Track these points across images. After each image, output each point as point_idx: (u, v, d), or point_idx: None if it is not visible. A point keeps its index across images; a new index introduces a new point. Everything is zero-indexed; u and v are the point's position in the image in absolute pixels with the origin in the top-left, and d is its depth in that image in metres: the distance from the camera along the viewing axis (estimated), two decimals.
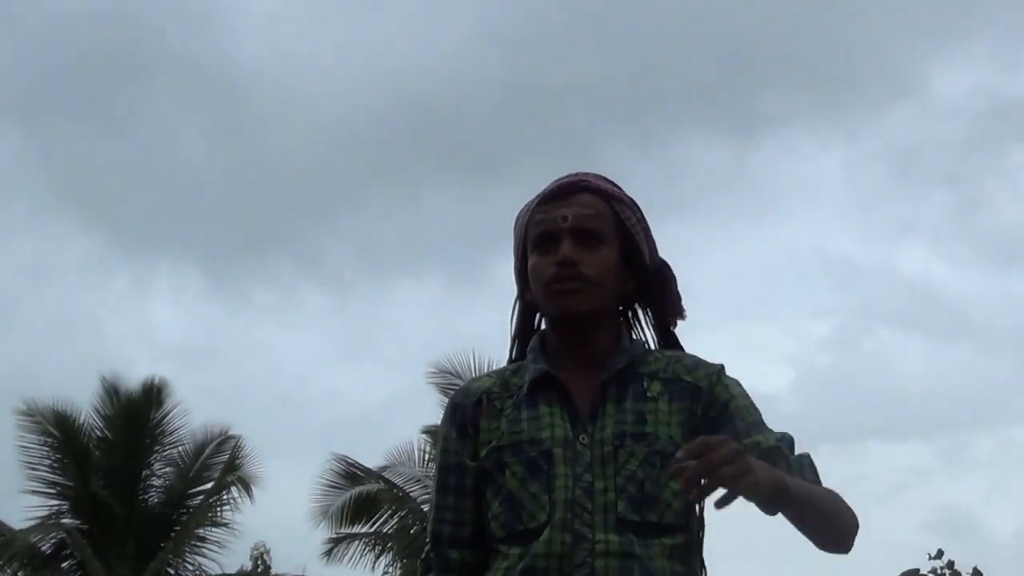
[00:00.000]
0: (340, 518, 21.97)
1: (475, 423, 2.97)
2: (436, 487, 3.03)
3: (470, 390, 3.04)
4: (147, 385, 24.74)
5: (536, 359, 2.98)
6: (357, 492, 22.03)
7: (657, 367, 2.99)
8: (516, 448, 2.91)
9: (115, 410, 24.43)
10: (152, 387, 24.73)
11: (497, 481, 2.91)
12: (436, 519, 3.00)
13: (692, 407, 2.94)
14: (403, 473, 22.11)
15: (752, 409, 2.96)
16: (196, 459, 24.66)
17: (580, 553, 2.82)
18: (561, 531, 2.83)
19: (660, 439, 2.89)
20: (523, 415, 2.93)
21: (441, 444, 3.02)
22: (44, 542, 23.02)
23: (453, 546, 2.96)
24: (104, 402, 24.52)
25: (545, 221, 2.95)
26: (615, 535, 2.83)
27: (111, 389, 24.58)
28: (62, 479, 23.77)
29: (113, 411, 24.43)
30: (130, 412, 24.33)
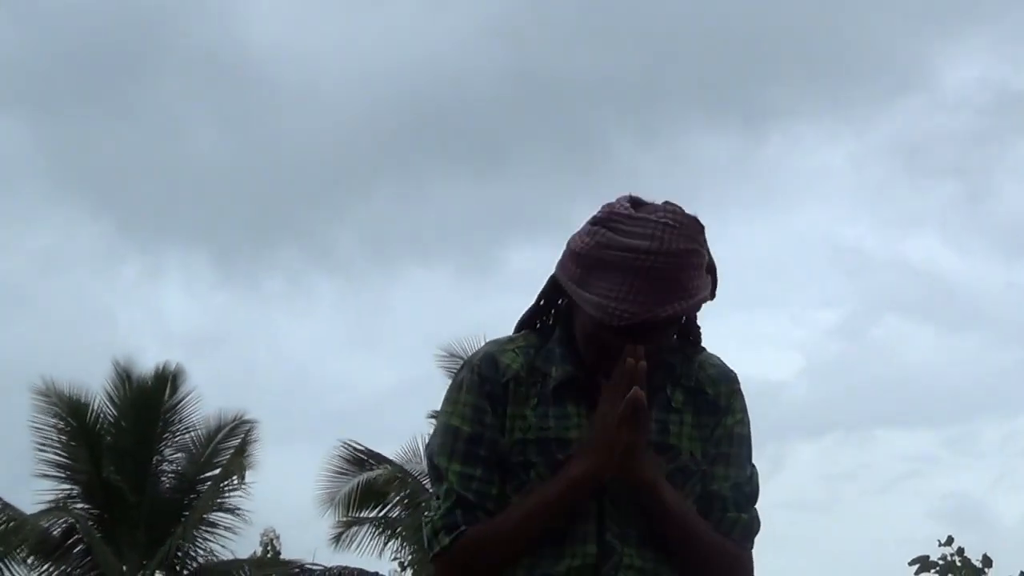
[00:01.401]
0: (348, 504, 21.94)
1: (503, 404, 2.92)
2: (460, 454, 2.93)
3: (499, 365, 2.95)
4: (160, 371, 24.70)
5: (565, 358, 2.93)
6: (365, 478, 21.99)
7: (681, 372, 2.97)
8: (543, 446, 2.88)
9: (127, 396, 24.40)
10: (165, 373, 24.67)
11: (520, 477, 2.90)
12: (461, 486, 2.90)
13: (710, 423, 2.96)
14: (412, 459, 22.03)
15: (746, 442, 3.01)
16: (208, 445, 24.63)
17: (607, 566, 2.84)
18: (587, 542, 2.85)
19: (682, 454, 2.91)
20: (550, 411, 2.90)
21: (470, 413, 2.93)
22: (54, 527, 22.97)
23: (478, 510, 2.89)
24: (116, 388, 24.49)
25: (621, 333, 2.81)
26: (638, 550, 2.86)
27: (123, 375, 24.56)
28: (73, 463, 23.74)
29: (125, 397, 24.38)
30: (142, 398, 24.30)
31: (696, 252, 2.83)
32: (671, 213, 2.82)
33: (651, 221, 2.80)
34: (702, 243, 2.85)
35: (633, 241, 2.78)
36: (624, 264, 2.78)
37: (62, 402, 23.86)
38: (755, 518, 3.00)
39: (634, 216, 2.82)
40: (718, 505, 2.95)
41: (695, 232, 2.83)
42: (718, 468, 2.97)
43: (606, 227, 2.84)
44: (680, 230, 2.80)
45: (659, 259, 2.77)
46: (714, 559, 2.93)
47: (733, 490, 2.97)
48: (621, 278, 2.78)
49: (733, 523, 2.96)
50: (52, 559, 22.95)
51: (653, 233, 2.78)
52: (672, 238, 2.78)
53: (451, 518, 2.89)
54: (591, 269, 2.84)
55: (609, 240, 2.81)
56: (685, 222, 2.82)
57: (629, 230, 2.80)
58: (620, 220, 2.83)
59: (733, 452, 2.99)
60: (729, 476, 2.97)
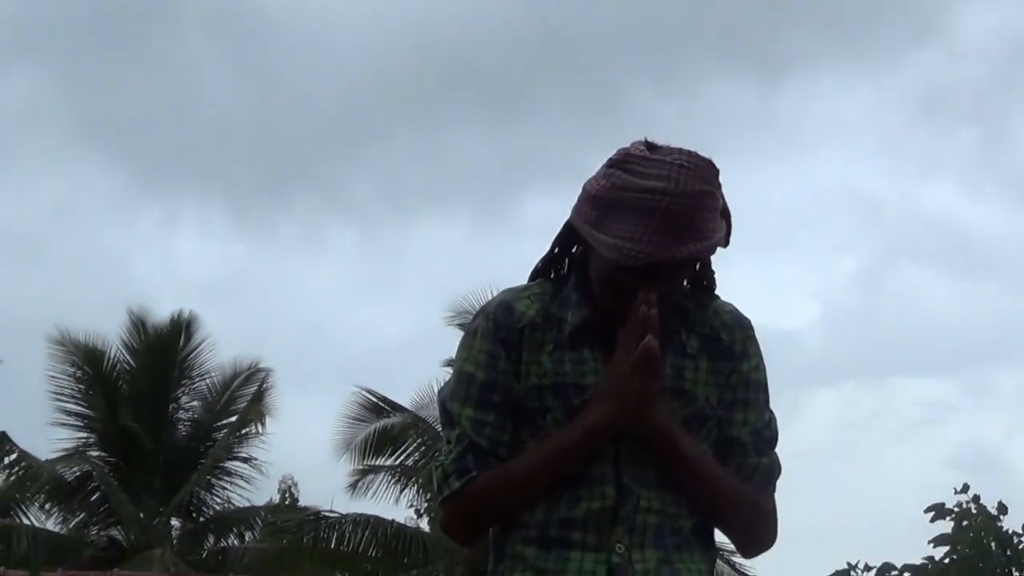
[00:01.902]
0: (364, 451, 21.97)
1: (518, 349, 2.92)
2: (473, 399, 2.93)
3: (514, 312, 2.96)
4: (175, 319, 24.75)
5: (581, 303, 2.93)
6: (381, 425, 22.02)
7: (695, 318, 2.98)
8: (559, 391, 2.89)
9: (143, 344, 24.45)
10: (180, 321, 24.71)
11: (536, 422, 2.90)
12: (474, 432, 2.91)
13: (726, 369, 2.97)
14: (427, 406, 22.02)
15: (762, 387, 3.04)
16: (224, 392, 24.71)
17: (626, 508, 2.84)
18: (604, 484, 2.86)
19: (697, 399, 2.93)
20: (566, 356, 2.91)
21: (484, 359, 2.94)
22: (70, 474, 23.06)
23: (490, 456, 2.90)
24: (132, 336, 24.56)
25: (636, 274, 2.81)
26: (655, 492, 2.87)
27: (139, 323, 24.62)
28: (89, 411, 23.82)
29: (141, 345, 24.44)
30: (158, 346, 24.37)
31: (711, 194, 2.83)
32: (686, 155, 2.83)
33: (667, 163, 2.80)
34: (717, 186, 2.86)
35: (649, 182, 2.79)
36: (640, 205, 2.78)
37: (78, 351, 23.94)
38: (775, 462, 3.02)
39: (650, 158, 2.83)
40: (738, 450, 2.98)
41: (710, 174, 2.84)
42: (736, 414, 2.99)
43: (622, 169, 2.84)
44: (695, 171, 2.80)
45: (674, 200, 2.77)
46: (735, 504, 2.95)
47: (752, 435, 2.99)
48: (637, 219, 2.78)
49: (753, 468, 2.98)
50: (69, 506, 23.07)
51: (669, 174, 2.79)
52: (687, 179, 2.79)
53: (463, 463, 2.90)
54: (607, 211, 2.84)
55: (625, 182, 2.82)
56: (700, 164, 2.82)
57: (645, 171, 2.81)
58: (636, 162, 2.83)
59: (751, 398, 3.01)
60: (748, 421, 2.99)
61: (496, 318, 2.95)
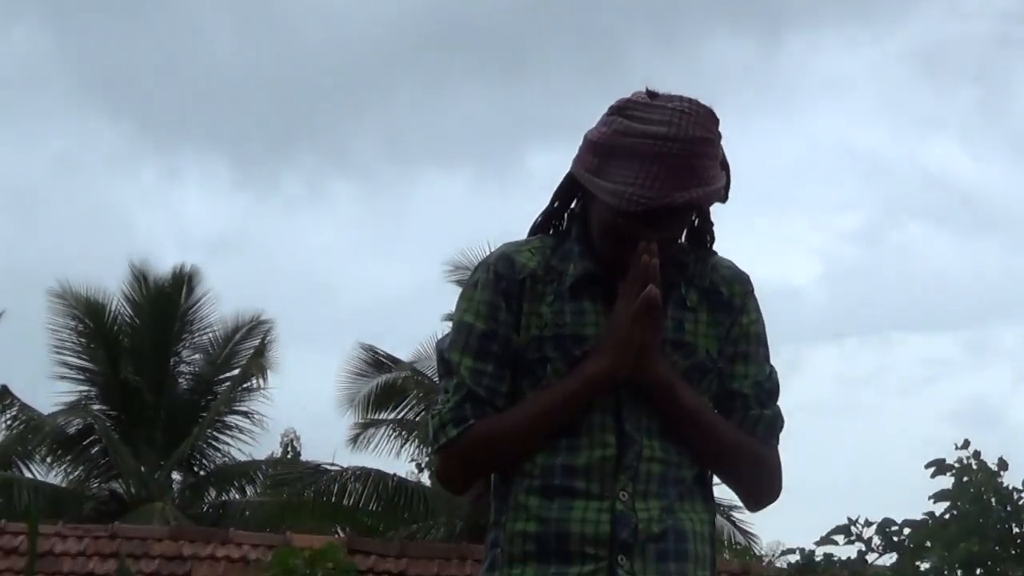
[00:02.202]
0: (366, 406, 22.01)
1: (518, 300, 2.93)
2: (472, 349, 2.94)
3: (515, 264, 2.97)
4: (176, 273, 24.71)
5: (582, 255, 2.95)
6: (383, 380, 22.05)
7: (694, 273, 2.99)
8: (559, 342, 2.91)
9: (144, 297, 24.42)
10: (182, 274, 24.69)
11: (536, 373, 2.92)
12: (472, 381, 2.92)
13: (725, 321, 2.99)
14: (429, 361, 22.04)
15: (762, 340, 3.05)
16: (225, 345, 24.70)
17: (628, 456, 2.86)
18: (606, 433, 2.87)
19: (698, 351, 2.95)
20: (567, 308, 2.92)
21: (484, 310, 2.95)
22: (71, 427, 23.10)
23: (488, 406, 2.91)
24: (134, 289, 24.50)
25: (638, 220, 2.83)
26: (658, 441, 2.89)
27: (140, 276, 24.56)
28: (91, 365, 23.84)
29: (143, 298, 24.42)
30: (160, 299, 24.34)
31: (711, 142, 2.86)
32: (688, 102, 2.85)
33: (668, 108, 2.83)
34: (717, 134, 2.88)
35: (650, 128, 2.81)
36: (641, 151, 2.81)
37: (79, 304, 23.91)
38: (778, 414, 3.03)
39: (651, 104, 2.85)
40: (740, 403, 3.00)
41: (711, 122, 2.86)
42: (737, 367, 3.01)
43: (623, 115, 2.87)
44: (696, 118, 2.83)
45: (675, 145, 2.79)
46: (737, 455, 2.97)
47: (754, 387, 3.01)
48: (638, 165, 2.80)
49: (756, 420, 2.99)
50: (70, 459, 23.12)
51: (670, 120, 2.81)
52: (688, 125, 2.81)
53: (460, 411, 2.91)
54: (608, 157, 2.86)
55: (626, 128, 2.84)
56: (701, 111, 2.85)
57: (646, 117, 2.83)
58: (637, 108, 2.86)
59: (751, 351, 3.03)
60: (749, 374, 3.01)
61: (497, 269, 2.96)
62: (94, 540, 15.92)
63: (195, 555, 15.63)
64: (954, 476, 11.47)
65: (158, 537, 16.15)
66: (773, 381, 3.04)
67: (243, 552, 15.56)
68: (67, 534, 16.03)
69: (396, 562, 15.57)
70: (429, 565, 15.63)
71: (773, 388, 3.04)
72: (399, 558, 15.67)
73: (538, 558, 2.86)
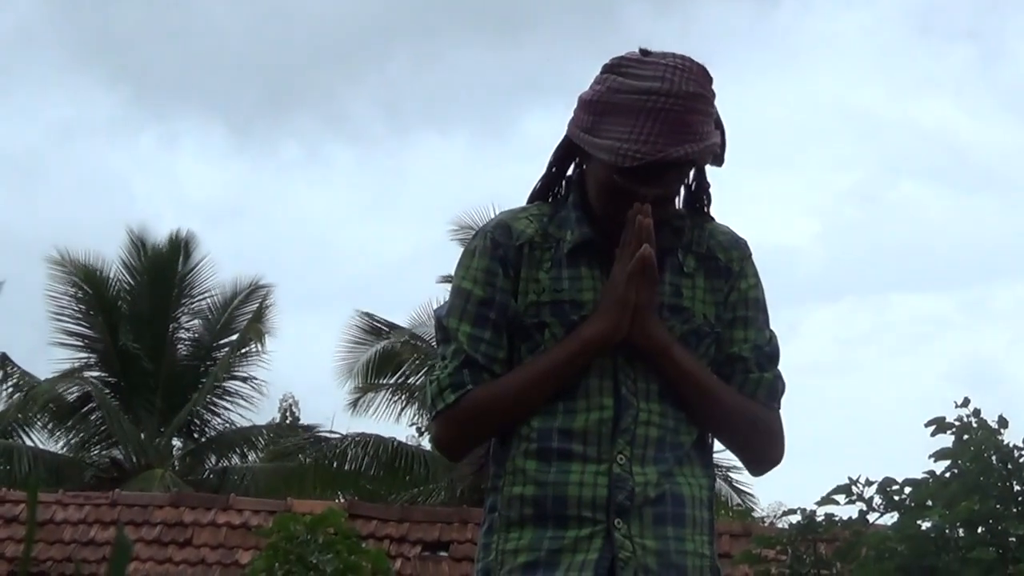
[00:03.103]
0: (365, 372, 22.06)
1: (516, 268, 2.95)
2: (470, 316, 2.96)
3: (512, 231, 2.99)
4: (173, 239, 24.70)
5: (581, 221, 2.96)
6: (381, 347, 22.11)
7: (691, 239, 3.01)
8: (556, 307, 2.93)
9: (142, 263, 24.43)
10: (178, 240, 24.67)
11: (534, 338, 2.94)
12: (470, 347, 2.94)
13: (722, 287, 3.00)
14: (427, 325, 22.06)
15: (760, 305, 3.07)
16: (224, 311, 24.72)
17: (625, 420, 2.87)
18: (603, 396, 2.89)
19: (695, 316, 2.97)
20: (564, 274, 2.94)
21: (482, 276, 2.97)
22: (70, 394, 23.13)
23: (485, 372, 2.93)
24: (131, 255, 24.53)
25: (633, 176, 2.85)
26: (656, 405, 2.91)
27: (138, 242, 24.59)
28: (89, 331, 23.86)
29: (141, 265, 24.42)
30: (157, 265, 24.36)
31: (704, 98, 2.88)
32: (680, 58, 2.87)
33: (660, 64, 2.85)
34: (710, 91, 2.90)
35: (643, 83, 2.83)
36: (635, 106, 2.83)
37: (78, 271, 23.92)
38: (779, 377, 3.04)
39: (644, 61, 2.88)
40: (740, 367, 3.01)
41: (703, 78, 2.88)
42: (737, 331, 3.02)
43: (616, 73, 2.89)
44: (689, 74, 2.85)
45: (668, 100, 2.82)
46: (737, 418, 2.99)
47: (754, 351, 3.02)
48: (633, 120, 2.82)
49: (757, 383, 3.01)
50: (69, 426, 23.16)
51: (664, 75, 2.83)
52: (681, 80, 2.83)
53: (458, 377, 2.93)
54: (602, 115, 2.88)
55: (620, 84, 2.86)
56: (694, 67, 2.87)
57: (639, 73, 2.85)
58: (630, 65, 2.88)
59: (750, 315, 3.04)
60: (748, 338, 3.02)
61: (494, 237, 2.98)
62: (95, 508, 15.94)
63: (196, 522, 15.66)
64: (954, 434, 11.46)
65: (159, 504, 16.17)
66: (773, 345, 3.05)
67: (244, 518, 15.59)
68: (67, 502, 16.05)
69: (397, 526, 15.59)
70: (430, 529, 15.66)
71: (773, 352, 3.04)
72: (400, 522, 15.70)
73: (535, 522, 2.88)
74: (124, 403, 22.95)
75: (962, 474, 11.33)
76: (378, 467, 21.11)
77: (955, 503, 11.12)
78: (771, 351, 3.04)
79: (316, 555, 10.91)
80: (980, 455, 11.38)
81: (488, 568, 2.93)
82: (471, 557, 14.43)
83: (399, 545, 15.20)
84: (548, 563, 2.84)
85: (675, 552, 2.85)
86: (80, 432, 23.17)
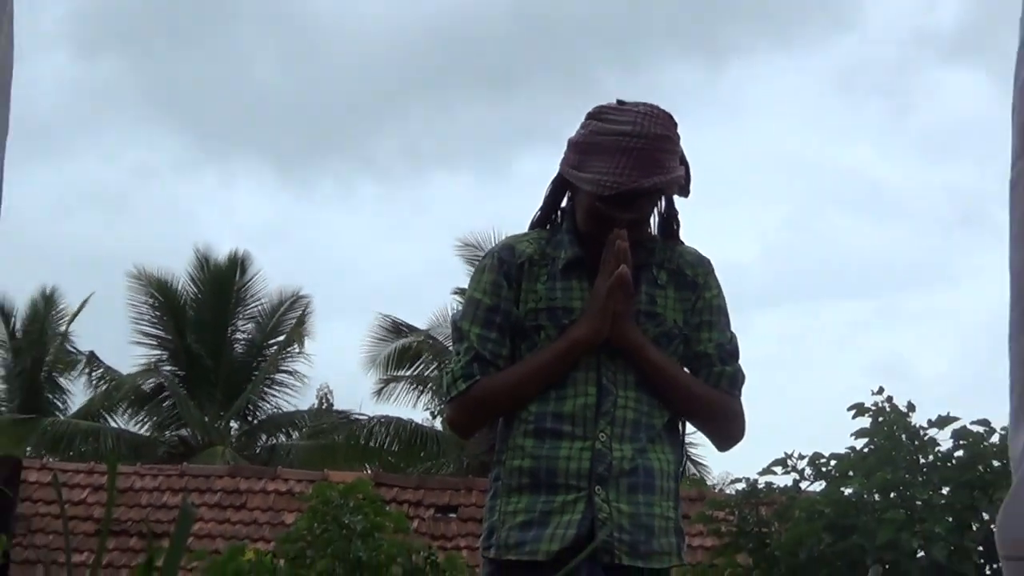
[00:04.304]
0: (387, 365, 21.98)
1: (518, 281, 2.95)
2: (480, 320, 2.96)
3: (516, 250, 2.99)
4: (231, 257, 24.60)
5: (572, 243, 2.96)
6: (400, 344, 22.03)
7: (663, 257, 3.00)
8: (551, 313, 2.92)
9: (206, 277, 24.30)
10: (235, 259, 24.58)
11: (532, 338, 2.94)
12: (479, 345, 2.94)
13: (689, 297, 2.99)
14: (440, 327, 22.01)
15: (722, 311, 3.04)
16: (272, 317, 24.58)
17: (606, 404, 2.87)
18: (588, 385, 2.89)
19: (667, 321, 2.95)
20: (558, 285, 2.94)
21: (490, 288, 2.97)
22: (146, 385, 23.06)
23: (491, 366, 2.94)
24: (197, 271, 24.38)
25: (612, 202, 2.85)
26: (632, 392, 2.90)
27: (202, 260, 24.45)
28: (162, 333, 23.77)
29: (204, 278, 24.29)
30: (218, 279, 24.22)
31: (669, 139, 2.87)
32: (649, 107, 2.88)
33: (633, 111, 2.87)
34: (675, 134, 2.89)
35: (619, 127, 2.84)
36: (612, 146, 2.83)
37: (152, 283, 23.83)
38: (739, 370, 3.03)
39: (620, 108, 2.89)
40: (705, 362, 3.00)
41: (669, 123, 2.88)
42: (703, 333, 3.01)
43: (597, 119, 2.90)
44: (656, 119, 2.85)
45: (640, 141, 2.82)
46: (702, 404, 2.97)
47: (717, 348, 3.01)
48: (611, 157, 2.83)
49: (720, 375, 2.99)
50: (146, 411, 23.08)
51: (635, 120, 2.84)
52: (650, 124, 2.84)
53: (469, 369, 2.93)
54: (586, 154, 2.88)
55: (600, 128, 2.87)
56: (660, 114, 2.88)
57: (616, 119, 2.87)
58: (609, 112, 2.90)
59: (714, 320, 3.03)
60: (712, 338, 3.01)
61: (500, 256, 2.99)
62: (166, 478, 15.90)
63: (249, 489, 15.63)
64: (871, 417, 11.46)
65: (219, 475, 16.13)
66: (733, 344, 3.03)
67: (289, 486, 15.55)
68: (144, 473, 16.01)
69: (414, 492, 15.55)
70: (441, 495, 15.62)
71: (734, 349, 3.03)
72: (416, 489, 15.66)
73: (531, 489, 2.87)
74: (191, 392, 22.85)
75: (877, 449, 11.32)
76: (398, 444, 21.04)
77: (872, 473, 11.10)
78: (732, 348, 3.03)
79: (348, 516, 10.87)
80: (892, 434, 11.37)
81: (493, 526, 2.92)
82: (475, 518, 14.41)
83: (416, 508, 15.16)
84: (540, 522, 2.84)
85: (645, 515, 2.84)
86: (154, 416, 23.08)
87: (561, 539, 2.80)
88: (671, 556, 2.88)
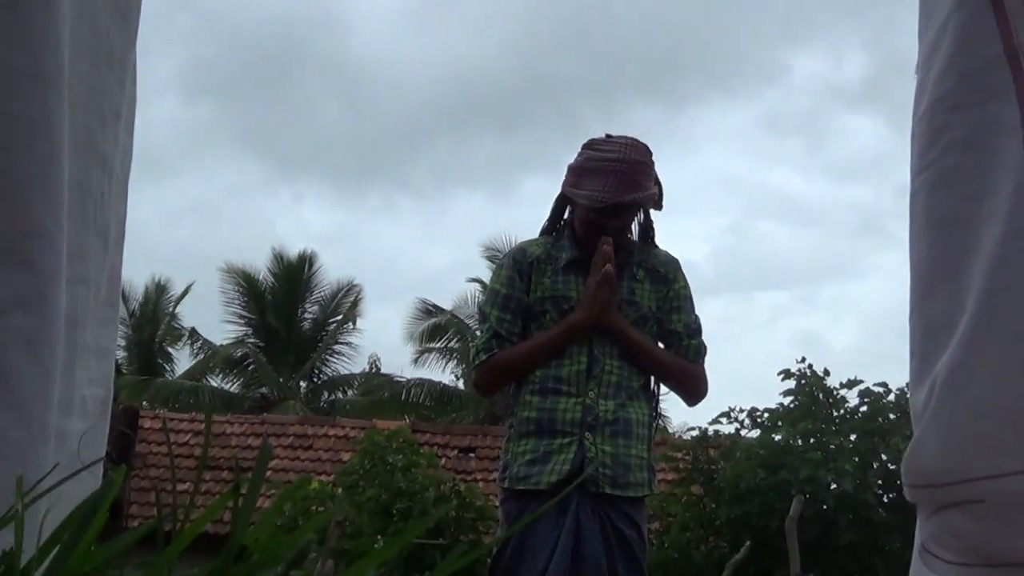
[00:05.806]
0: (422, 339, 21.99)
1: (529, 275, 2.95)
2: (497, 304, 2.95)
3: (527, 252, 2.99)
4: (301, 255, 24.63)
5: (571, 246, 2.95)
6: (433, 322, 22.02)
7: (641, 258, 2.99)
8: (554, 301, 2.92)
9: (281, 271, 24.30)
10: (304, 257, 24.61)
11: (539, 320, 2.93)
12: (498, 325, 2.94)
13: (662, 289, 2.97)
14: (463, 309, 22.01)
15: (688, 298, 3.01)
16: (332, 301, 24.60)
17: (595, 370, 2.86)
18: (581, 355, 2.88)
19: (643, 308, 2.94)
20: (560, 279, 2.93)
21: (506, 281, 2.96)
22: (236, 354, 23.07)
23: (506, 341, 2.94)
24: (274, 265, 24.40)
25: (602, 213, 2.86)
26: (617, 361, 2.89)
27: (278, 257, 24.46)
28: (247, 314, 23.79)
29: (280, 271, 24.30)
30: (290, 272, 24.22)
31: (645, 164, 2.89)
32: (631, 139, 2.91)
33: (618, 143, 2.90)
34: (650, 160, 2.91)
35: (607, 155, 2.87)
36: (602, 169, 2.86)
37: (239, 276, 23.87)
38: (702, 344, 3.01)
39: (608, 140, 2.93)
40: (675, 338, 2.98)
41: (645, 152, 2.91)
42: (673, 315, 2.99)
43: (589, 148, 2.94)
44: (636, 149, 2.88)
45: (623, 165, 2.85)
46: (672, 371, 2.95)
47: (685, 327, 2.99)
48: (601, 179, 2.86)
49: (687, 348, 2.98)
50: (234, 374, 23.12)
51: (620, 149, 2.87)
52: (631, 152, 2.87)
53: (489, 344, 2.94)
54: (581, 176, 2.90)
55: (592, 155, 2.90)
56: (639, 145, 2.90)
57: (604, 148, 2.90)
58: (599, 143, 2.93)
59: (681, 305, 3.01)
60: (681, 319, 3.00)
61: (515, 256, 3.00)
62: (251, 425, 15.93)
63: (315, 434, 15.66)
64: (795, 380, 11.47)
65: (291, 423, 16.17)
66: (697, 323, 3.03)
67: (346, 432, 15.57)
68: (233, 421, 16.05)
69: (443, 437, 15.58)
70: (463, 439, 15.65)
71: (698, 327, 3.02)
72: (444, 435, 15.69)
73: (536, 435, 2.88)
74: (269, 359, 22.86)
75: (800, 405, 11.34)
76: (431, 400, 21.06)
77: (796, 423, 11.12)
78: (696, 327, 3.02)
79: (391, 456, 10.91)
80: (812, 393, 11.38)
81: (507, 463, 2.94)
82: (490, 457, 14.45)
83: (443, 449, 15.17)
84: (543, 460, 2.85)
85: (623, 455, 2.85)
86: (241, 378, 23.10)
87: (559, 473, 2.81)
88: (644, 487, 2.89)
